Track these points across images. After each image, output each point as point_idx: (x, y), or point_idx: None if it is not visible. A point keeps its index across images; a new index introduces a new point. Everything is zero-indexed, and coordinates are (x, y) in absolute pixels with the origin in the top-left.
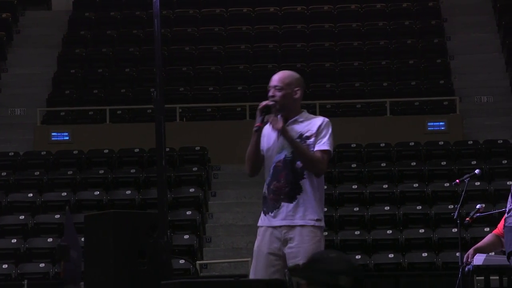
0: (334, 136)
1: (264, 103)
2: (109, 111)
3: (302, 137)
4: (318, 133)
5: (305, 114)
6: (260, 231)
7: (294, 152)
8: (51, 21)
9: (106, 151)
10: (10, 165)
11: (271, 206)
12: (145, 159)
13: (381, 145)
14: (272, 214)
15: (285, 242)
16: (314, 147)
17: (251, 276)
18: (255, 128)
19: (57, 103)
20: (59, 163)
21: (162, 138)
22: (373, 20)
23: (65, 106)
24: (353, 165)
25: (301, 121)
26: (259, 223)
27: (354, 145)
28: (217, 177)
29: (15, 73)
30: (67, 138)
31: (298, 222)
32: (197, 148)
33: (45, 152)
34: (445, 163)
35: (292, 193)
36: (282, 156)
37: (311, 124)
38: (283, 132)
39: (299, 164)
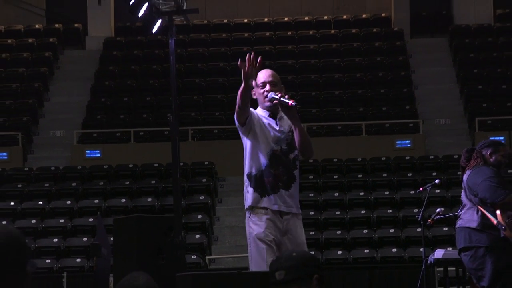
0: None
1: (291, 101)
2: (133, 133)
3: (291, 130)
4: None
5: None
6: (261, 218)
7: (299, 132)
8: (85, 58)
9: (131, 165)
10: (52, 178)
11: (269, 189)
12: (163, 172)
13: (358, 159)
14: (272, 198)
15: (285, 231)
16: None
17: (263, 265)
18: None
19: (90, 126)
20: (92, 176)
21: (177, 155)
22: (351, 57)
23: (97, 129)
24: (335, 176)
25: (284, 117)
26: (254, 203)
27: (336, 159)
28: (222, 187)
29: (55, 101)
30: (99, 155)
31: (295, 210)
32: (206, 163)
33: (80, 167)
34: (411, 174)
35: (288, 182)
36: (278, 147)
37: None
38: (293, 112)
39: (292, 155)
